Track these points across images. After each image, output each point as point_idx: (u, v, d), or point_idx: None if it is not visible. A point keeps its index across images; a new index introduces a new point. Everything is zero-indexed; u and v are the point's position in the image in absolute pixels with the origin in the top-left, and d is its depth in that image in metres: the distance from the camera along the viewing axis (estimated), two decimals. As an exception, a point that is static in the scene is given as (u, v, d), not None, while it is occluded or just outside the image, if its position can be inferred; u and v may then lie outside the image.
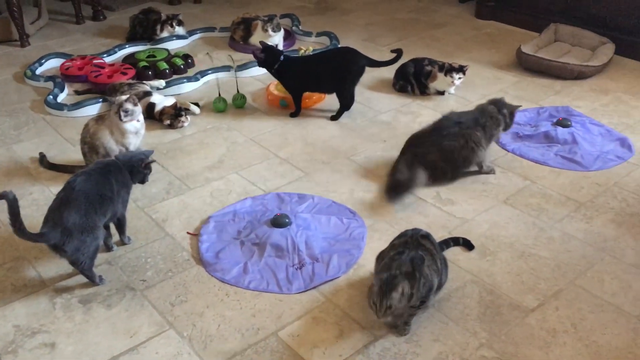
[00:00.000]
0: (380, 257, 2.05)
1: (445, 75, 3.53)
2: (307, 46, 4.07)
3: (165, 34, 4.37)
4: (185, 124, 3.30)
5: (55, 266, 2.31)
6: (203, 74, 3.82)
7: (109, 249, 2.39)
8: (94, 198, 2.16)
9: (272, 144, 3.15)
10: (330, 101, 3.40)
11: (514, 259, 2.34)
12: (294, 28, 4.57)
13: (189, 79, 3.74)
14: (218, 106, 3.46)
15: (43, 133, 3.27)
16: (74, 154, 3.02)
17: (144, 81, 3.62)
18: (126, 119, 2.68)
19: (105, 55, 4.12)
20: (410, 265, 1.87)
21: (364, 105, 3.53)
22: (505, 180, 2.82)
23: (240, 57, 4.10)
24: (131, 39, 4.42)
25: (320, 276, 2.24)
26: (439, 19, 4.93)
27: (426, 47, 4.34)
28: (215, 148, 3.12)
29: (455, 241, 2.40)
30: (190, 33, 4.52)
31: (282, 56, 3.32)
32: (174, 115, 3.27)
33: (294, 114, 3.42)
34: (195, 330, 2.03)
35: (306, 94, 3.45)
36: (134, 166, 2.34)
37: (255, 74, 3.87)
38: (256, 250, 2.35)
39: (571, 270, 2.28)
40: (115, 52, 4.19)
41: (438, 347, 1.96)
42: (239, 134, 3.25)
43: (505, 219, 2.56)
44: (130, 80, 3.59)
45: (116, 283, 2.24)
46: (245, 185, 2.80)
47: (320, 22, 4.82)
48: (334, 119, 3.37)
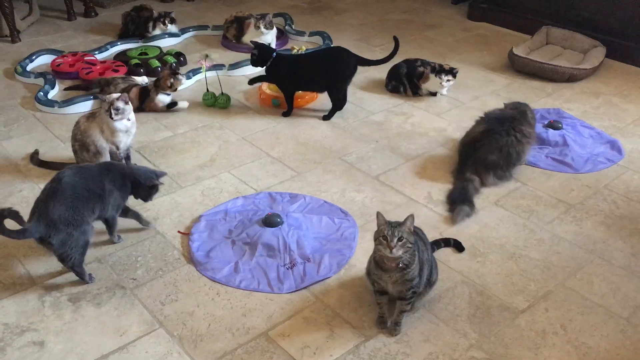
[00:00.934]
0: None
1: (435, 76, 3.54)
2: (301, 46, 4.07)
3: (157, 32, 4.35)
4: (183, 81, 3.42)
5: (45, 264, 2.30)
6: (195, 72, 3.80)
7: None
8: (81, 192, 2.15)
9: (264, 143, 3.15)
10: (323, 101, 3.41)
11: (504, 260, 2.35)
12: (287, 27, 4.57)
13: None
14: (207, 101, 3.50)
15: (33, 130, 3.24)
16: (64, 152, 3.00)
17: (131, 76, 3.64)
18: (117, 117, 2.67)
19: (96, 52, 4.09)
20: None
21: (356, 106, 3.53)
22: (496, 181, 2.84)
23: (233, 56, 4.11)
24: (123, 36, 4.40)
25: (312, 276, 2.24)
26: (432, 20, 4.94)
27: (418, 48, 4.35)
28: (207, 147, 3.11)
29: (446, 242, 2.41)
30: (183, 31, 4.50)
31: (274, 54, 3.32)
32: (172, 73, 3.34)
33: (286, 113, 3.41)
34: (185, 330, 2.03)
35: (299, 93, 3.45)
36: (139, 181, 2.33)
37: (248, 72, 3.86)
38: (247, 249, 2.34)
39: (561, 271, 2.29)
40: (107, 49, 4.17)
41: (428, 348, 1.97)
42: (231, 133, 3.24)
43: (495, 221, 2.57)
44: (122, 76, 3.59)
45: (106, 281, 2.23)
46: (237, 184, 2.80)
47: (313, 22, 4.82)
48: (325, 118, 3.37)
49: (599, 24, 4.17)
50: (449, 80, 3.54)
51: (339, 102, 3.37)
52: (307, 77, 3.32)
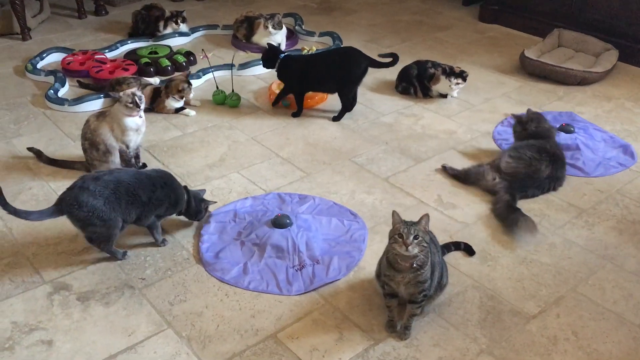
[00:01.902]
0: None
1: (446, 78, 3.52)
2: (311, 46, 4.06)
3: (169, 30, 4.35)
4: (192, 95, 3.40)
5: (54, 262, 2.30)
6: (205, 71, 3.80)
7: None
8: (125, 194, 2.20)
9: (274, 143, 3.14)
10: (332, 102, 3.39)
11: (515, 264, 2.33)
12: (297, 27, 4.56)
13: (191, 76, 3.72)
14: (217, 98, 3.50)
15: (43, 128, 3.25)
16: (74, 150, 3.00)
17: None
18: (142, 107, 2.67)
19: (107, 50, 4.10)
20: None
21: (365, 107, 3.51)
22: (507, 185, 2.81)
23: (243, 56, 4.11)
24: (133, 34, 4.40)
25: (321, 278, 2.23)
26: (443, 21, 4.92)
27: (429, 50, 4.33)
28: (216, 146, 3.11)
29: (456, 246, 2.39)
30: (193, 30, 4.50)
31: (282, 54, 3.31)
32: (185, 81, 3.33)
33: (296, 114, 3.40)
34: (194, 330, 2.02)
35: (308, 94, 3.44)
36: (192, 202, 2.40)
37: (258, 72, 3.86)
38: (256, 250, 2.33)
39: (572, 277, 2.27)
40: (117, 48, 4.18)
41: (438, 352, 1.95)
42: (240, 133, 3.23)
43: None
44: (133, 76, 3.59)
45: (115, 281, 2.22)
46: (246, 185, 2.79)
47: (323, 22, 4.80)
48: (335, 119, 3.36)
49: (611, 27, 4.14)
50: (458, 84, 3.52)
51: (348, 103, 3.36)
52: (317, 78, 3.31)
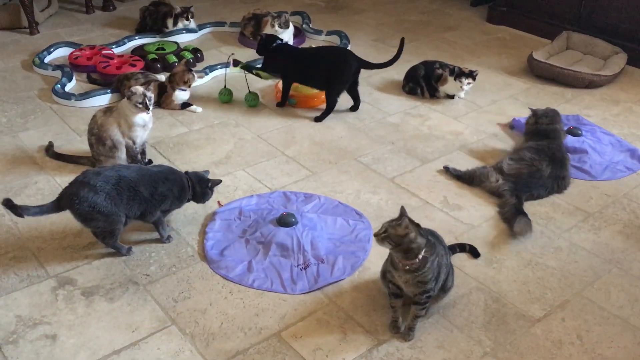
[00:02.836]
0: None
1: (455, 79, 3.51)
2: (318, 44, 4.05)
3: (179, 26, 4.35)
4: (196, 78, 3.41)
5: (59, 257, 2.30)
6: (212, 68, 3.80)
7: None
8: (127, 190, 2.19)
9: (279, 141, 3.13)
10: (340, 101, 3.37)
11: (521, 267, 2.32)
12: (304, 26, 4.55)
13: (197, 72, 3.71)
14: (223, 98, 3.49)
15: (50, 122, 3.25)
16: (80, 144, 3.01)
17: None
18: (151, 108, 2.68)
19: (114, 46, 4.10)
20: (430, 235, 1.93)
21: (372, 107, 3.51)
22: (514, 187, 2.80)
23: (250, 53, 4.10)
24: (141, 30, 4.40)
25: (325, 277, 2.23)
26: (451, 22, 4.91)
27: (436, 50, 4.32)
28: (222, 144, 3.10)
29: (461, 247, 2.38)
30: (200, 27, 4.50)
31: (278, 41, 3.36)
32: (187, 70, 3.33)
33: (280, 104, 3.43)
34: (197, 328, 2.02)
35: (314, 92, 3.43)
36: (197, 188, 2.38)
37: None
38: (261, 248, 2.33)
39: (578, 281, 2.26)
40: (125, 44, 4.18)
41: (442, 354, 1.94)
42: (246, 131, 3.23)
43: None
44: (140, 71, 3.58)
45: (119, 276, 2.22)
46: (252, 183, 2.78)
47: (330, 21, 4.80)
48: (317, 120, 3.34)
49: (620, 31, 4.12)
50: (469, 84, 3.51)
51: (332, 104, 3.34)
52: (306, 71, 3.30)
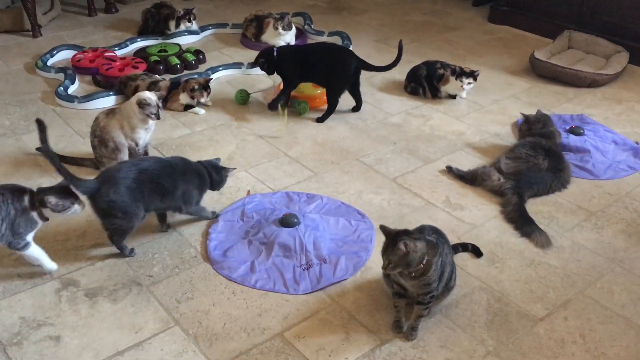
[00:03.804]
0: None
1: (456, 79, 3.51)
2: None
3: (182, 28, 4.36)
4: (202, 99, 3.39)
5: (62, 258, 2.31)
6: (214, 70, 3.81)
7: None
8: (148, 183, 2.22)
9: (282, 142, 3.14)
10: (342, 101, 3.38)
11: (523, 267, 2.32)
12: (306, 27, 4.56)
13: (200, 75, 3.73)
14: (240, 99, 3.51)
15: (53, 125, 3.26)
16: (83, 147, 3.02)
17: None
18: (160, 116, 2.72)
19: (116, 48, 4.11)
20: (433, 235, 1.94)
21: (374, 107, 3.51)
22: (516, 186, 2.80)
23: (252, 55, 4.11)
24: (143, 32, 4.41)
25: (328, 278, 2.23)
26: (452, 22, 4.91)
27: (438, 50, 4.32)
28: (224, 145, 3.11)
29: (464, 247, 2.38)
30: (202, 29, 4.51)
31: (275, 48, 3.33)
32: (204, 87, 3.34)
33: (275, 103, 3.35)
34: (200, 328, 2.02)
35: (317, 93, 3.44)
36: (213, 177, 2.43)
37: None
38: (264, 249, 2.34)
39: (581, 280, 2.26)
40: (127, 46, 4.19)
41: (444, 354, 1.94)
42: (249, 132, 3.23)
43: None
44: (143, 72, 3.60)
45: (122, 278, 2.23)
46: (254, 184, 2.79)
47: (332, 22, 4.80)
48: (319, 120, 3.34)
49: (622, 29, 4.12)
50: (470, 83, 3.51)
51: (333, 105, 3.34)
52: (311, 68, 3.27)
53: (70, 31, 4.57)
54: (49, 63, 3.92)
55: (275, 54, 3.30)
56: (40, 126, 2.17)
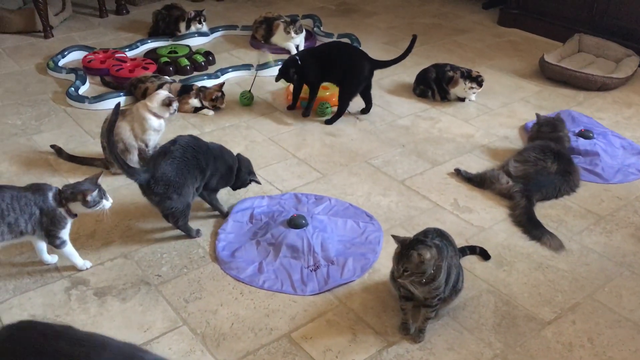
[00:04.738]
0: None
1: (463, 81, 3.51)
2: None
3: (192, 30, 4.39)
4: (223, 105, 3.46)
5: (72, 258, 2.33)
6: (223, 71, 3.83)
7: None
8: (191, 159, 2.32)
9: (290, 144, 3.15)
10: (351, 103, 3.38)
11: (531, 270, 2.32)
12: (315, 29, 4.57)
13: (209, 76, 3.75)
14: (245, 101, 3.52)
15: (64, 125, 3.29)
16: (93, 147, 3.04)
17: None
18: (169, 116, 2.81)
19: (127, 49, 4.14)
20: (439, 237, 1.93)
21: (383, 109, 3.51)
22: (524, 190, 2.80)
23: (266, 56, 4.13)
24: (153, 34, 4.44)
25: (335, 279, 2.24)
26: (462, 24, 4.91)
27: (448, 53, 4.32)
28: (233, 146, 3.11)
29: (471, 250, 2.38)
30: (212, 30, 4.54)
31: (297, 57, 3.33)
32: (221, 96, 3.39)
33: (291, 107, 3.44)
34: (208, 328, 2.03)
35: (326, 95, 3.44)
36: (241, 174, 2.52)
37: (276, 73, 3.87)
38: (272, 250, 2.34)
39: (589, 284, 2.25)
40: (137, 47, 4.22)
41: (452, 356, 1.94)
42: (257, 133, 3.25)
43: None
44: (152, 74, 3.62)
45: (131, 277, 2.25)
46: (263, 185, 2.80)
47: (341, 24, 4.81)
48: (328, 122, 3.35)
49: (633, 33, 4.10)
50: (472, 88, 3.50)
51: (344, 108, 3.34)
52: (330, 67, 3.27)
53: (82, 32, 4.61)
54: (60, 64, 3.95)
55: (299, 62, 3.30)
56: (116, 108, 2.29)
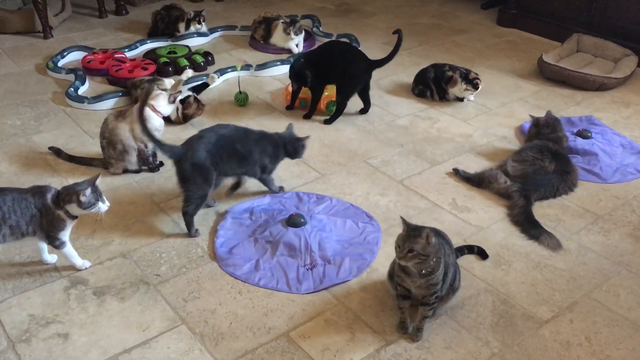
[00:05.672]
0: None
1: (462, 81, 3.52)
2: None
3: (192, 30, 4.39)
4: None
5: (71, 257, 2.33)
6: (222, 72, 3.83)
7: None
8: (226, 148, 2.41)
9: (289, 144, 3.15)
10: (351, 104, 3.39)
11: (529, 269, 2.32)
12: (314, 29, 4.57)
13: (205, 77, 3.75)
14: (239, 102, 3.52)
15: (63, 125, 3.29)
16: (92, 147, 3.04)
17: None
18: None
19: (126, 49, 4.15)
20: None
21: (381, 109, 3.52)
22: (523, 189, 2.80)
23: (260, 57, 4.14)
24: (153, 34, 4.45)
25: (331, 278, 2.24)
26: (461, 25, 4.91)
27: (447, 53, 4.33)
28: (232, 146, 3.12)
29: (469, 249, 2.38)
30: (211, 31, 4.54)
31: (302, 60, 3.32)
32: (198, 106, 3.36)
33: (290, 107, 3.46)
34: (207, 327, 2.04)
35: (324, 95, 3.45)
36: (288, 145, 2.61)
37: (275, 73, 3.88)
38: (269, 248, 2.35)
39: (587, 283, 2.26)
40: (137, 47, 4.22)
41: (450, 355, 1.95)
42: (256, 133, 3.25)
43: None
44: (149, 77, 3.62)
45: (130, 276, 2.25)
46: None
47: (341, 24, 4.82)
48: (326, 122, 3.35)
49: (631, 33, 4.11)
50: (467, 90, 3.51)
51: (341, 106, 3.34)
52: (330, 69, 3.24)
53: (81, 33, 4.62)
54: (60, 64, 3.96)
55: (306, 62, 3.29)
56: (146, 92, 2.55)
